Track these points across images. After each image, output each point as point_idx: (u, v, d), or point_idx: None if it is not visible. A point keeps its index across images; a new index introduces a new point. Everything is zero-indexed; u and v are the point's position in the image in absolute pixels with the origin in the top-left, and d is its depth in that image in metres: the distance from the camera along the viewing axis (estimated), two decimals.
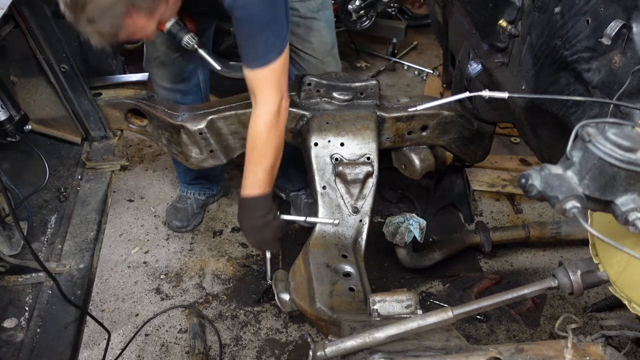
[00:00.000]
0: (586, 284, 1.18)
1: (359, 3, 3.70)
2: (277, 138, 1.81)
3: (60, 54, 2.04)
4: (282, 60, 1.74)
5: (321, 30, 2.23)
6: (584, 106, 1.47)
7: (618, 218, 0.89)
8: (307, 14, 2.18)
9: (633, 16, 1.23)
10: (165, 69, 2.31)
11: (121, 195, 2.93)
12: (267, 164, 1.81)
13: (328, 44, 2.29)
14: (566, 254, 2.64)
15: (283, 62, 1.75)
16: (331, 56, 2.31)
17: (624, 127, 0.88)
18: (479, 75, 2.11)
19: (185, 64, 2.32)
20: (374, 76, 3.97)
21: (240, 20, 1.68)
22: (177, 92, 2.37)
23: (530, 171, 0.89)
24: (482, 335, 2.27)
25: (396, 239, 2.14)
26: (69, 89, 2.12)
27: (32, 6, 1.93)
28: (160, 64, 2.30)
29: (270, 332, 2.27)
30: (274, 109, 1.77)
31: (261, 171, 1.81)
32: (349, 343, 1.17)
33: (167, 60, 2.29)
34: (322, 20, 2.23)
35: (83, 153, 2.28)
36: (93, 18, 1.45)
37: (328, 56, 2.30)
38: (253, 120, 1.80)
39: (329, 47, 2.29)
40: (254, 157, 1.81)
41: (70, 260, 1.96)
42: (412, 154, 2.23)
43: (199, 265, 2.56)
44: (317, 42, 2.24)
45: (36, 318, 1.79)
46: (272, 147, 1.81)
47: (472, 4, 2.03)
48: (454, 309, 1.17)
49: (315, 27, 2.22)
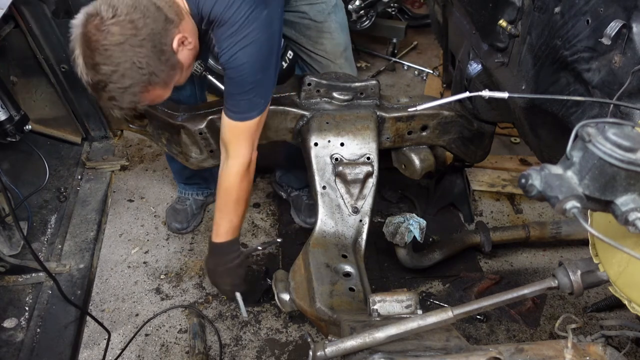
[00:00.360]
0: (586, 284, 1.17)
1: (359, 3, 3.70)
2: (248, 187, 1.93)
3: (60, 54, 2.04)
4: (261, 118, 1.83)
5: (332, 32, 2.22)
6: (584, 106, 1.47)
7: (618, 218, 0.89)
8: (318, 17, 2.18)
9: (633, 16, 1.23)
10: None
11: (121, 195, 2.93)
12: (241, 211, 1.93)
13: (340, 46, 2.27)
14: (566, 254, 2.64)
15: (261, 119, 1.84)
16: (344, 58, 2.30)
17: (624, 127, 0.88)
18: (479, 75, 2.11)
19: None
20: (374, 76, 3.97)
21: (230, 78, 1.75)
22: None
23: (530, 171, 0.89)
24: (482, 335, 2.27)
25: (396, 239, 2.14)
26: (69, 89, 2.12)
27: (32, 6, 1.93)
28: None
29: (270, 332, 2.27)
30: (245, 162, 1.86)
31: (235, 218, 1.93)
32: (349, 343, 1.17)
33: None
34: (334, 22, 2.22)
35: (83, 153, 2.29)
36: (113, 97, 1.54)
37: (340, 58, 2.29)
38: (225, 172, 1.89)
39: (341, 48, 2.28)
40: (229, 206, 1.91)
41: (70, 260, 1.96)
42: (412, 154, 2.23)
43: (199, 265, 2.56)
44: (329, 43, 2.24)
45: (36, 318, 1.79)
46: (244, 197, 1.92)
47: (472, 4, 2.03)
48: (454, 309, 1.17)
49: (326, 29, 2.21)
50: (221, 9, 1.63)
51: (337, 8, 2.24)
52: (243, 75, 1.72)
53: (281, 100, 2.11)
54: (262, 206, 2.90)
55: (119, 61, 1.47)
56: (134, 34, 1.48)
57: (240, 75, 1.72)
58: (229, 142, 1.85)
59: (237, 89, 1.76)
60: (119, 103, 1.56)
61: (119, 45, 1.46)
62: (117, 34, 1.46)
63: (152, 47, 1.51)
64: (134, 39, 1.48)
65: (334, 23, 2.22)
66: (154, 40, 1.51)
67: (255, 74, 1.73)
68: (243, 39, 1.66)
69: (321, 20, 2.18)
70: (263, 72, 1.75)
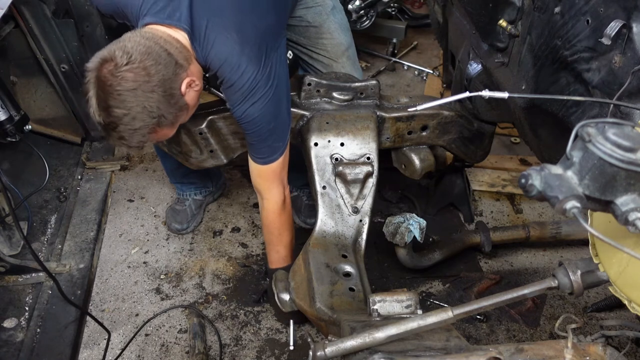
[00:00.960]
0: (586, 284, 1.17)
1: (359, 3, 3.70)
2: (288, 220, 2.08)
3: (60, 54, 2.05)
4: (284, 158, 1.95)
5: (332, 33, 2.23)
6: (584, 106, 1.47)
7: (618, 218, 0.89)
8: (316, 20, 2.19)
9: (633, 16, 1.23)
10: None
11: (121, 195, 2.93)
12: (286, 241, 2.10)
13: (342, 45, 2.28)
14: (566, 254, 2.64)
15: (284, 159, 1.95)
16: (346, 57, 2.31)
17: (624, 127, 0.88)
18: (479, 75, 2.11)
19: None
20: (374, 76, 3.97)
21: (246, 130, 1.85)
22: None
23: (530, 171, 0.89)
24: (482, 335, 2.27)
25: (396, 239, 2.14)
26: (69, 89, 2.13)
27: (32, 6, 1.93)
28: None
29: (270, 332, 2.27)
30: (279, 200, 2.00)
31: (282, 248, 2.11)
32: (349, 343, 1.17)
33: None
34: (333, 23, 2.23)
35: (83, 153, 2.29)
36: (123, 137, 1.60)
37: (342, 57, 2.30)
38: (264, 212, 2.04)
39: (342, 48, 2.29)
40: (273, 239, 2.10)
41: (70, 260, 1.96)
42: (412, 154, 2.23)
43: (199, 265, 2.56)
44: (329, 43, 2.25)
45: (36, 318, 1.79)
46: (286, 229, 2.07)
47: (472, 4, 2.03)
48: (454, 309, 1.17)
49: (325, 30, 2.22)
50: (227, 72, 1.72)
51: (335, 10, 2.25)
52: (257, 127, 1.82)
53: None
54: None
55: (131, 105, 1.54)
56: (147, 80, 1.54)
57: (255, 127, 1.82)
58: (260, 185, 1.99)
59: (254, 138, 1.86)
60: (127, 142, 1.62)
61: (132, 91, 1.52)
62: (131, 80, 1.52)
63: (162, 92, 1.57)
64: (146, 85, 1.54)
65: (333, 24, 2.23)
66: (164, 85, 1.58)
67: (269, 123, 1.83)
68: (251, 97, 1.75)
69: (319, 22, 2.19)
70: (276, 120, 1.84)
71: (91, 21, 2.17)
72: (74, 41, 2.08)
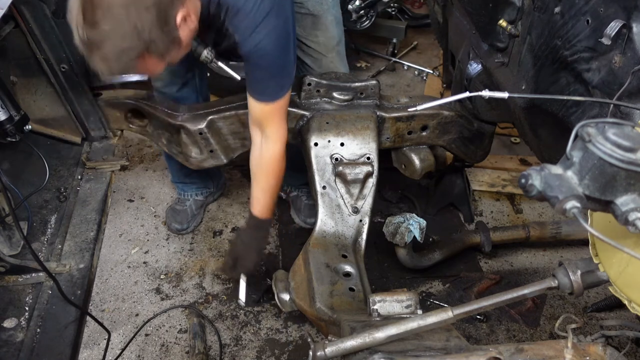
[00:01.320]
0: (586, 284, 1.17)
1: (359, 3, 3.70)
2: (285, 164, 2.01)
3: (60, 54, 2.04)
4: (289, 93, 1.89)
5: (328, 25, 2.22)
6: (584, 106, 1.47)
7: (618, 218, 0.89)
8: (316, 9, 2.17)
9: (633, 16, 1.23)
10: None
11: (121, 195, 2.93)
12: (279, 187, 2.05)
13: (334, 39, 2.26)
14: (566, 254, 2.64)
15: (289, 94, 1.90)
16: (335, 52, 2.29)
17: (624, 127, 0.88)
18: (479, 75, 2.11)
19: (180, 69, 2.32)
20: (374, 76, 3.97)
21: (255, 65, 1.79)
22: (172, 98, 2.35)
23: (530, 171, 0.89)
24: (482, 335, 2.27)
25: (396, 239, 2.14)
26: (69, 89, 2.12)
27: (32, 6, 1.93)
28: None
29: (270, 332, 2.27)
30: (285, 140, 1.94)
31: (276, 196, 2.06)
32: (349, 343, 1.17)
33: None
34: (331, 15, 2.21)
35: (83, 153, 2.29)
36: (107, 58, 1.48)
37: (332, 52, 2.28)
38: (267, 155, 1.94)
39: (334, 42, 2.27)
40: (272, 186, 2.01)
41: (70, 260, 1.96)
42: (412, 154, 2.23)
43: (199, 265, 2.56)
44: (322, 36, 2.23)
45: (36, 318, 1.79)
46: (283, 174, 2.01)
47: (472, 4, 2.03)
48: (454, 309, 1.17)
49: (323, 21, 2.20)
50: None
51: (335, 2, 2.24)
52: (268, 61, 1.77)
53: None
54: None
55: (121, 21, 1.42)
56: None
57: (266, 61, 1.77)
58: (265, 124, 1.89)
59: (264, 74, 1.81)
60: (110, 67, 1.50)
61: (124, 6, 1.41)
62: None
63: (157, 15, 1.47)
64: (140, 3, 1.43)
65: (331, 16, 2.22)
66: (160, 8, 1.48)
67: (279, 57, 1.78)
68: (262, 27, 1.69)
69: (319, 12, 2.18)
70: (285, 54, 1.80)
71: None
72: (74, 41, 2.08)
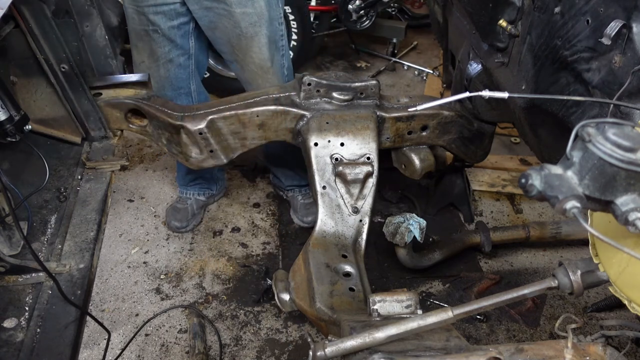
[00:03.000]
0: (586, 284, 1.17)
1: (359, 3, 3.71)
2: None
3: (60, 54, 2.04)
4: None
5: (261, 47, 2.28)
6: (584, 106, 1.47)
7: (618, 218, 0.89)
8: (248, 30, 2.23)
9: (633, 16, 1.23)
10: (153, 75, 2.32)
11: (121, 195, 2.93)
12: None
13: (268, 60, 2.32)
14: (566, 254, 2.64)
15: None
16: (271, 73, 2.36)
17: (624, 127, 0.88)
18: (479, 75, 2.11)
19: (173, 71, 2.34)
20: (374, 76, 3.97)
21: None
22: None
23: (530, 171, 0.89)
24: (482, 335, 2.27)
25: (396, 239, 2.14)
26: (69, 89, 2.12)
27: (32, 6, 1.92)
28: (147, 69, 2.32)
29: (270, 332, 2.27)
30: None
31: None
32: (349, 343, 1.17)
33: (152, 66, 2.32)
34: (263, 36, 2.26)
35: (83, 153, 2.28)
36: None
37: (268, 73, 2.34)
38: None
39: (268, 63, 2.33)
40: None
41: (70, 260, 1.96)
42: (412, 154, 2.23)
43: (199, 265, 2.56)
44: (257, 57, 2.31)
45: (36, 318, 1.79)
46: None
47: (472, 4, 2.03)
48: (454, 309, 1.17)
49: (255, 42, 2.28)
50: None
51: (271, 20, 2.28)
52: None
53: (281, 100, 2.11)
54: (262, 206, 2.90)
55: None
56: None
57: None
58: None
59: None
60: None
61: None
62: None
63: None
64: None
65: (264, 38, 2.27)
66: None
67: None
68: None
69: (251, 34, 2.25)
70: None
71: (91, 21, 2.17)
72: (74, 41, 2.07)
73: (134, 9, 2.21)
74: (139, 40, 2.28)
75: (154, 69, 2.32)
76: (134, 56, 2.37)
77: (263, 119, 2.09)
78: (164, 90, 2.37)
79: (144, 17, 2.21)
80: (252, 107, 2.08)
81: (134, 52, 2.35)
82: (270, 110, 2.07)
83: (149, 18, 2.20)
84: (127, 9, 2.24)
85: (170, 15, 2.21)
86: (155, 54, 2.29)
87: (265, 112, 2.08)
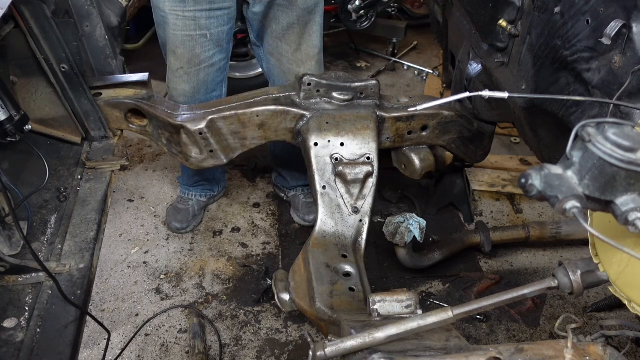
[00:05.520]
0: (586, 284, 1.17)
1: (359, 3, 3.71)
2: None
3: (60, 54, 2.04)
4: None
5: (312, 34, 2.29)
6: (584, 106, 1.47)
7: (618, 218, 0.89)
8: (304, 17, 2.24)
9: (633, 16, 1.23)
10: (190, 79, 2.31)
11: (121, 195, 2.93)
12: None
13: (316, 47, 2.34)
14: (566, 254, 2.64)
15: None
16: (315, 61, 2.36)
17: (624, 127, 0.88)
18: (479, 75, 2.11)
19: (212, 75, 2.34)
20: (374, 76, 3.97)
21: None
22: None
23: (530, 171, 0.89)
24: (482, 335, 2.27)
25: (396, 239, 2.14)
26: (69, 89, 2.12)
27: (32, 6, 1.92)
28: (185, 74, 2.31)
29: (270, 332, 2.27)
30: None
31: None
32: (349, 343, 1.17)
33: (192, 71, 2.30)
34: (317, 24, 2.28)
35: (83, 153, 2.28)
36: None
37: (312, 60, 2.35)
38: None
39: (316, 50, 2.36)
40: None
41: (70, 260, 1.95)
42: (412, 154, 2.23)
43: (199, 265, 2.56)
44: (305, 44, 2.31)
45: (36, 318, 1.79)
46: None
47: (472, 4, 2.03)
48: (454, 309, 1.17)
49: (307, 30, 2.28)
50: None
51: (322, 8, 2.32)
52: None
53: (281, 100, 2.11)
54: (262, 206, 2.90)
55: None
56: None
57: None
58: None
59: None
60: None
61: None
62: None
63: None
64: None
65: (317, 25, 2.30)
66: None
67: None
68: None
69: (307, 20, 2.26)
70: None
71: (91, 21, 2.18)
72: (74, 41, 2.07)
73: (178, 14, 2.16)
74: (180, 46, 2.23)
75: (193, 74, 2.29)
76: (170, 62, 2.32)
77: (263, 119, 2.09)
78: (198, 94, 2.35)
79: (192, 22, 2.17)
80: (252, 107, 2.08)
81: (171, 58, 2.30)
82: (270, 110, 2.07)
83: (199, 23, 2.17)
84: (166, 15, 2.18)
85: (223, 19, 2.20)
86: (198, 59, 2.26)
87: (265, 112, 2.08)
